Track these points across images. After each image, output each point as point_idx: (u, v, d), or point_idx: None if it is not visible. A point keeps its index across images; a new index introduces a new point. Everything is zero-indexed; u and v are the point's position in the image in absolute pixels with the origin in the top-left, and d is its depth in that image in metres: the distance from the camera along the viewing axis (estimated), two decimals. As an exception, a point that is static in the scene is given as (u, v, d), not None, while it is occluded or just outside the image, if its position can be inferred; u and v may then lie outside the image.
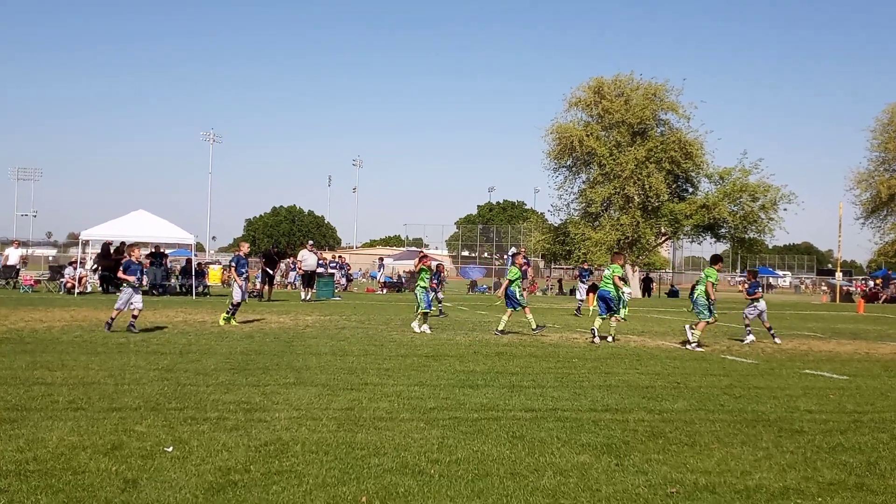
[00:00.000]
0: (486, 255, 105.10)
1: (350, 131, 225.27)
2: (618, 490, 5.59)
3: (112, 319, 15.93)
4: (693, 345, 15.78)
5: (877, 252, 62.02)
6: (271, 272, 30.97)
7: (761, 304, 18.42)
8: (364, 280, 54.69)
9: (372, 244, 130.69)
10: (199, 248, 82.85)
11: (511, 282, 18.30)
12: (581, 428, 7.64)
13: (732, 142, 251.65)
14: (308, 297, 30.46)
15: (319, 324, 19.05)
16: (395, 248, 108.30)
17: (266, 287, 30.26)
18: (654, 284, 57.10)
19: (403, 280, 47.84)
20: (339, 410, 8.12)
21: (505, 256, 61.66)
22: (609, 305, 16.91)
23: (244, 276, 18.92)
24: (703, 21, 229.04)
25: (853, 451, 6.98)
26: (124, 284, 16.05)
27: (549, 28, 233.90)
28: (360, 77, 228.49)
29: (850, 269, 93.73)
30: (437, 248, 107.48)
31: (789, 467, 6.35)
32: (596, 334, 16.73)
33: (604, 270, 19.64)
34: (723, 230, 52.06)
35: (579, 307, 28.00)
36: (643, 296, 51.04)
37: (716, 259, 18.05)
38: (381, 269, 47.30)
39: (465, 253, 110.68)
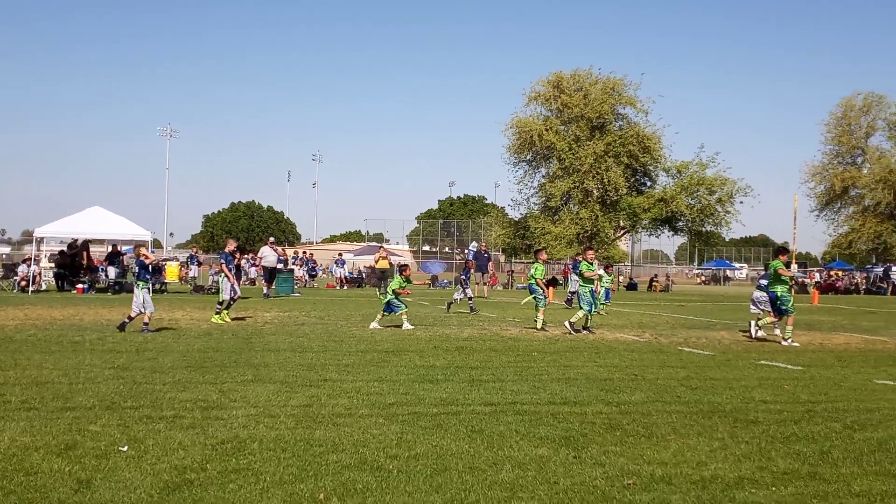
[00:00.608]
0: (447, 249, 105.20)
1: (310, 126, 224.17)
2: (575, 482, 5.63)
3: (130, 320, 15.62)
4: (789, 340, 15.84)
5: (831, 244, 63.16)
6: (238, 267, 30.48)
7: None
8: (325, 276, 54.44)
9: (332, 239, 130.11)
10: (157, 244, 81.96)
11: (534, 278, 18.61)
12: (540, 421, 7.67)
13: (690, 136, 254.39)
14: (269, 294, 30.28)
15: (278, 320, 18.93)
16: (355, 243, 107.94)
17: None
18: (613, 278, 57.49)
19: (364, 275, 47.71)
20: (298, 407, 8.08)
21: (466, 251, 61.72)
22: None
23: (233, 272, 18.87)
24: (660, 16, 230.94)
25: (807, 441, 7.08)
26: (140, 286, 15.69)
27: (509, 22, 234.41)
28: (319, 72, 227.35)
29: (805, 261, 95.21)
30: (397, 243, 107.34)
31: (744, 457, 6.44)
32: (571, 328, 17.19)
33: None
34: (680, 223, 52.60)
35: (570, 298, 28.00)
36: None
37: (783, 250, 17.81)
38: (341, 265, 47.10)
39: (426, 248, 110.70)
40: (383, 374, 10.57)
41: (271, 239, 34.51)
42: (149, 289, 15.74)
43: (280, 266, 33.92)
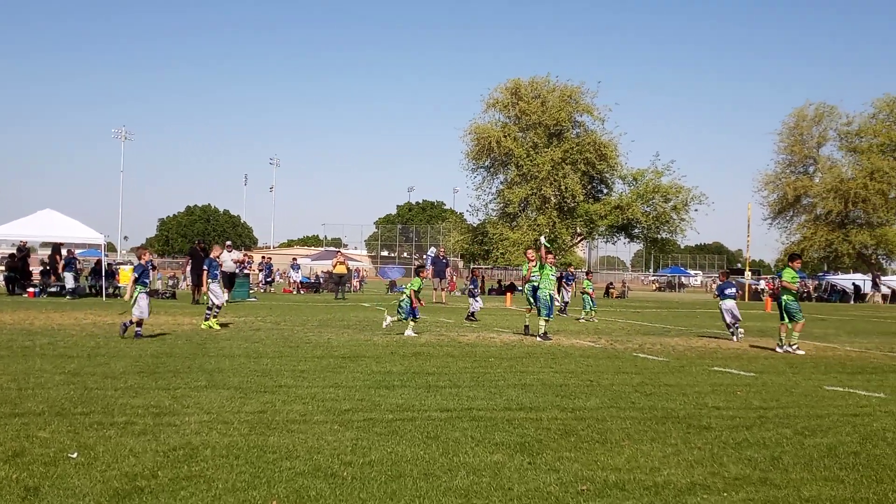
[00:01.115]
0: (405, 254, 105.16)
1: (267, 130, 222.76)
2: (530, 489, 5.64)
3: (129, 324, 15.34)
4: (794, 347, 16.07)
5: (783, 252, 64.03)
6: (200, 270, 29.68)
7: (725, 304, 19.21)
8: (281, 280, 54.08)
9: (290, 244, 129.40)
10: (111, 248, 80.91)
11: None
12: (495, 427, 7.68)
13: (645, 144, 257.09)
14: (227, 298, 29.84)
15: (233, 325, 18.75)
16: (313, 247, 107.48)
17: (196, 287, 29.16)
18: (571, 284, 57.82)
19: (321, 280, 47.48)
20: (252, 413, 8.01)
21: (424, 256, 61.66)
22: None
23: (216, 278, 18.63)
24: (616, 25, 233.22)
25: (758, 447, 7.17)
26: (139, 290, 15.42)
27: (468, 28, 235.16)
28: (276, 75, 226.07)
29: (758, 269, 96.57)
30: (356, 248, 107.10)
31: (696, 463, 6.50)
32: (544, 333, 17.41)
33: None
34: (636, 230, 53.13)
35: (563, 308, 28.05)
36: (558, 294, 51.70)
37: (793, 257, 17.74)
38: (297, 270, 46.83)
39: (385, 253, 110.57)
40: (339, 379, 10.51)
41: (228, 243, 34.08)
42: (146, 293, 15.55)
43: (236, 270, 33.50)
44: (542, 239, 19.58)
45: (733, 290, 20.01)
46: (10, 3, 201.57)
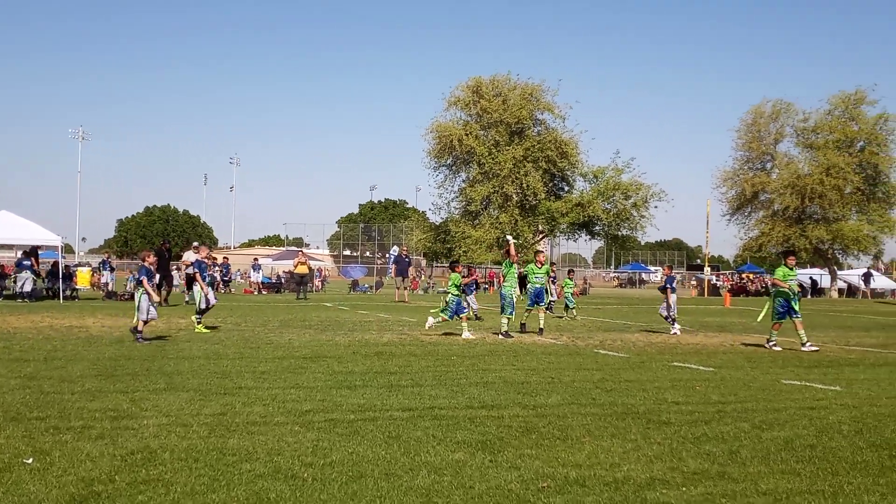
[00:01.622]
0: (368, 254, 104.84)
1: (227, 129, 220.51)
2: (491, 486, 5.65)
3: (139, 330, 15.11)
4: (808, 344, 15.81)
5: (742, 247, 64.84)
6: (166, 272, 28.78)
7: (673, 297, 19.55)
8: (242, 281, 53.65)
9: (251, 244, 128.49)
10: (68, 249, 79.75)
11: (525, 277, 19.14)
12: (457, 425, 7.69)
13: (606, 142, 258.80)
14: (187, 300, 29.34)
15: (193, 327, 18.57)
16: (274, 247, 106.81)
17: (160, 289, 28.66)
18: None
19: (283, 280, 47.21)
20: (211, 416, 7.94)
21: (387, 255, 61.62)
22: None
23: (207, 280, 18.48)
24: (577, 22, 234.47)
25: (716, 441, 7.25)
26: (142, 293, 15.26)
27: (429, 27, 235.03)
28: (236, 74, 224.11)
29: (717, 264, 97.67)
30: (318, 248, 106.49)
31: (656, 458, 6.56)
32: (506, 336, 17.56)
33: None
34: (597, 227, 53.39)
35: (550, 305, 28.06)
36: (520, 291, 51.91)
37: (787, 253, 17.48)
38: (258, 270, 46.50)
39: (347, 252, 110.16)
40: (300, 380, 10.46)
41: (195, 244, 33.70)
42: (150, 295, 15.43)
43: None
44: (510, 237, 19.84)
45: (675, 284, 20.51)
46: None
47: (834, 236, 58.09)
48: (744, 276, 72.09)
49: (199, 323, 17.75)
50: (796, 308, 16.05)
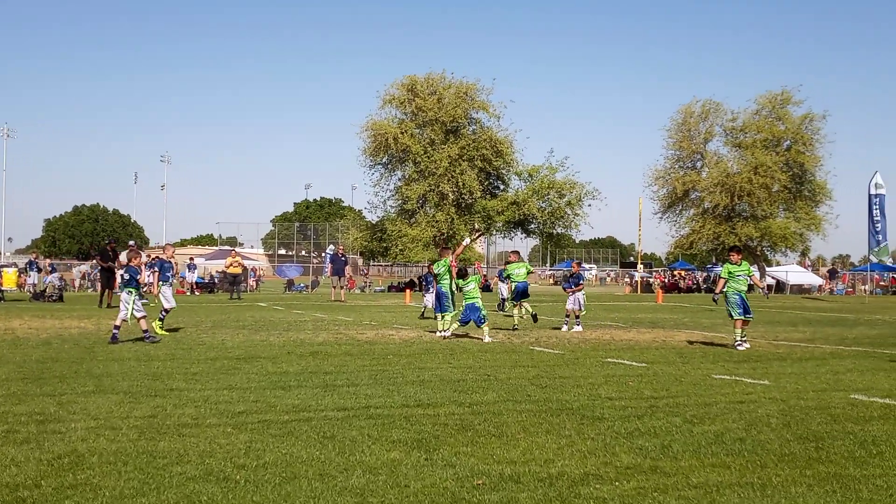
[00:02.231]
0: (303, 253, 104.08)
1: (157, 126, 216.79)
2: (426, 485, 5.63)
3: (145, 330, 15.33)
4: (738, 343, 15.41)
5: (673, 245, 65.87)
6: (110, 271, 27.53)
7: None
8: (175, 281, 52.77)
9: (183, 243, 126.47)
10: (-7, 250, 77.55)
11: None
12: (393, 424, 7.65)
13: (540, 141, 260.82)
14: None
15: (124, 328, 18.12)
16: (207, 247, 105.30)
17: (105, 290, 27.66)
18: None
19: (216, 280, 46.59)
20: (141, 418, 7.77)
21: (323, 254, 61.15)
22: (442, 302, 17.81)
23: (169, 281, 18.21)
24: (510, 23, 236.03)
25: (649, 436, 7.34)
26: (127, 292, 15.48)
27: (364, 24, 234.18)
28: (166, 70, 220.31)
29: (650, 262, 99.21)
30: (252, 247, 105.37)
31: (590, 453, 6.60)
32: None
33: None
34: (532, 226, 53.84)
35: (502, 303, 28.02)
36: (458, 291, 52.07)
37: (732, 249, 16.75)
38: (193, 270, 45.80)
39: (282, 251, 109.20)
40: (233, 381, 10.31)
41: (132, 243, 32.95)
42: (139, 296, 15.61)
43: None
44: (468, 239, 20.26)
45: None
46: None
47: (762, 234, 59.38)
48: (676, 273, 73.44)
49: (161, 319, 17.57)
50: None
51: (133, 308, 15.32)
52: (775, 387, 10.50)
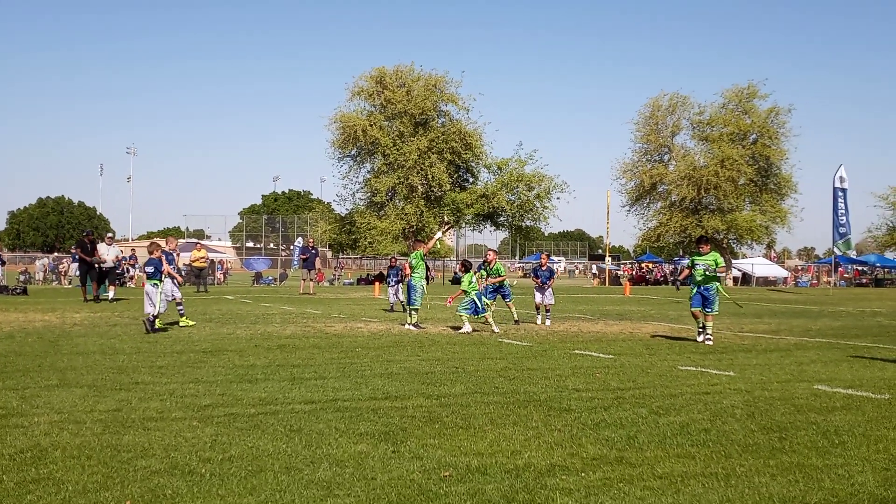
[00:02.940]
0: (271, 245, 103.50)
1: (123, 118, 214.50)
2: (393, 477, 5.63)
3: (152, 321, 15.56)
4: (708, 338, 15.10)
5: (641, 237, 66.39)
6: (89, 264, 26.89)
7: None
8: (141, 273, 52.25)
9: (150, 236, 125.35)
10: (-45, 243, 76.42)
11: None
12: (360, 417, 7.64)
13: (509, 134, 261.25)
14: (112, 295, 27.80)
15: (89, 321, 18.01)
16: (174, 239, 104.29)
17: (84, 284, 27.05)
18: (434, 273, 58.39)
19: (183, 273, 46.15)
20: (106, 412, 7.69)
21: (292, 247, 60.81)
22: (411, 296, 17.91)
23: (175, 271, 18.25)
24: (479, 14, 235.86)
25: (615, 427, 7.38)
26: (152, 284, 16.04)
27: (332, 16, 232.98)
28: (133, 62, 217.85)
29: (618, 254, 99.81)
30: (220, 240, 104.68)
31: (556, 445, 6.64)
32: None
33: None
34: (501, 219, 53.97)
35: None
36: (426, 283, 52.08)
37: (700, 240, 16.34)
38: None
39: (250, 244, 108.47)
40: (199, 375, 10.24)
41: (108, 235, 32.37)
42: (156, 286, 16.13)
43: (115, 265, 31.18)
44: (440, 233, 20.26)
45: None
46: None
47: (729, 226, 60.03)
48: (643, 265, 73.93)
49: (182, 315, 17.71)
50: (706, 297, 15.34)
51: (160, 300, 15.98)
52: (740, 378, 10.60)
